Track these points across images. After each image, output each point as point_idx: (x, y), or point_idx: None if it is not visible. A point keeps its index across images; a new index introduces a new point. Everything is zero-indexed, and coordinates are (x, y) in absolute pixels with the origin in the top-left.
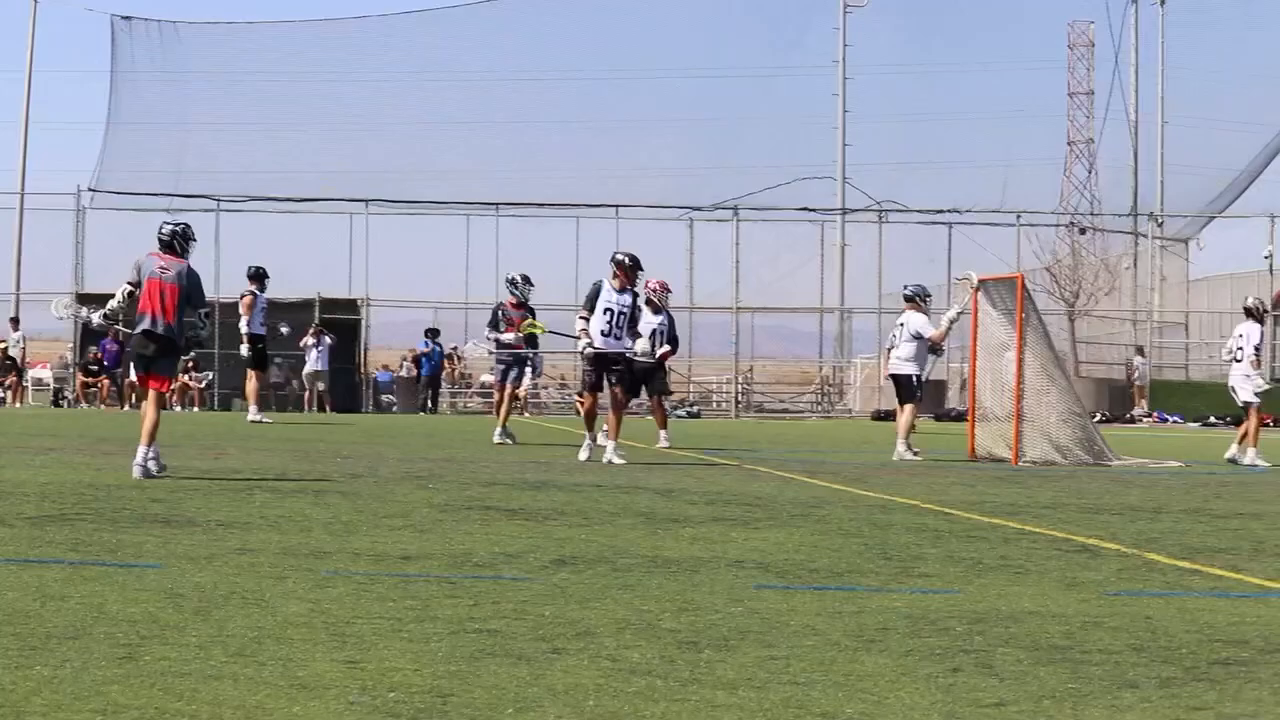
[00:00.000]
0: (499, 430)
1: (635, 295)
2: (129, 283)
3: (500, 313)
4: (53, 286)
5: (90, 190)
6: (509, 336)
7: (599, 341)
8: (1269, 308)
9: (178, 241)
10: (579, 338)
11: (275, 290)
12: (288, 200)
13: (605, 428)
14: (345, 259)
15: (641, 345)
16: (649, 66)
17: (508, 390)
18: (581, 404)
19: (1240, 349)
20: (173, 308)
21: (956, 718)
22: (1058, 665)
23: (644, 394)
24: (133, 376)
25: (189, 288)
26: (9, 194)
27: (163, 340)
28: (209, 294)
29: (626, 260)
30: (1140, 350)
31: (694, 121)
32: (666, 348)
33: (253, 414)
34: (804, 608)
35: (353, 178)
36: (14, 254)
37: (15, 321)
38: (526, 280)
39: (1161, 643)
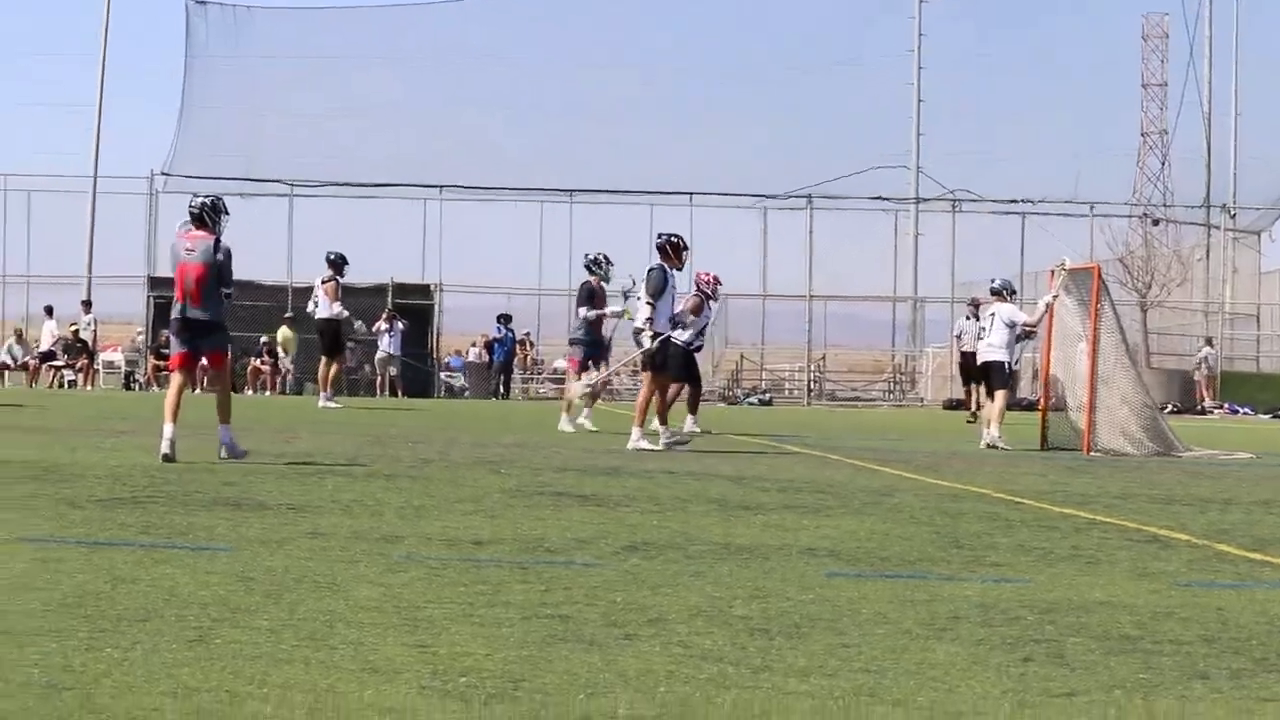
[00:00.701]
0: (572, 419)
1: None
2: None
3: (592, 291)
4: (124, 271)
5: (163, 174)
6: (611, 317)
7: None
8: None
9: (207, 214)
10: (645, 327)
11: (348, 275)
12: (361, 185)
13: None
14: (419, 244)
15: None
16: (725, 55)
17: (594, 375)
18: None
19: None
20: (200, 290)
21: (1028, 707)
22: (1128, 656)
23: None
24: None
25: (218, 264)
26: (83, 178)
27: (196, 324)
28: (281, 279)
29: (671, 243)
30: (1209, 341)
31: (769, 110)
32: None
33: (323, 399)
34: (875, 595)
35: (427, 163)
36: (86, 238)
37: (87, 304)
38: (608, 260)
39: (1232, 634)
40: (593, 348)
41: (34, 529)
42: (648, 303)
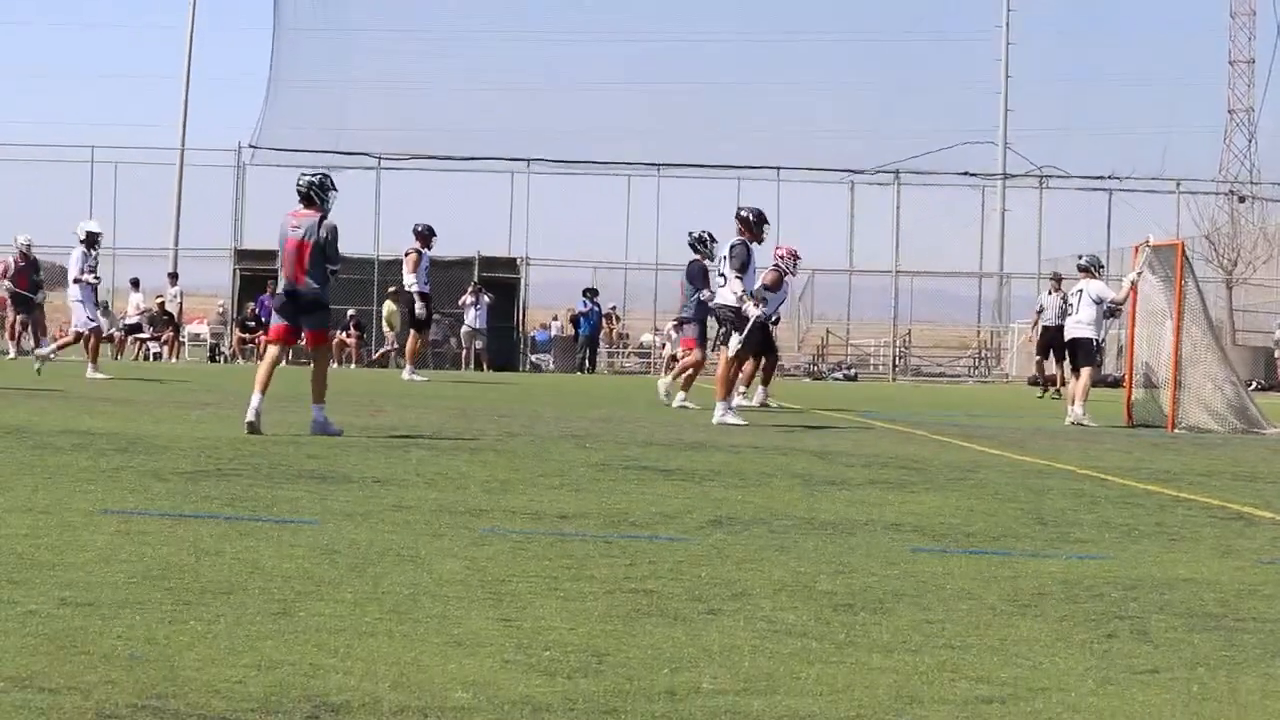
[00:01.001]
0: (671, 395)
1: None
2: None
3: (704, 270)
4: (212, 243)
5: (251, 147)
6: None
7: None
8: None
9: (315, 192)
10: (744, 303)
11: (435, 248)
12: (448, 159)
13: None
14: (505, 218)
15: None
16: (813, 29)
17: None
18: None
19: None
20: (304, 266)
21: (1111, 683)
22: (1212, 633)
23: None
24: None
25: (322, 241)
26: (170, 150)
27: (298, 300)
28: (368, 252)
29: (753, 216)
30: None
31: (857, 85)
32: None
33: (407, 373)
34: (959, 571)
35: (514, 136)
36: (174, 210)
37: (174, 276)
38: (712, 238)
39: None
40: (704, 326)
41: (119, 501)
42: (736, 277)
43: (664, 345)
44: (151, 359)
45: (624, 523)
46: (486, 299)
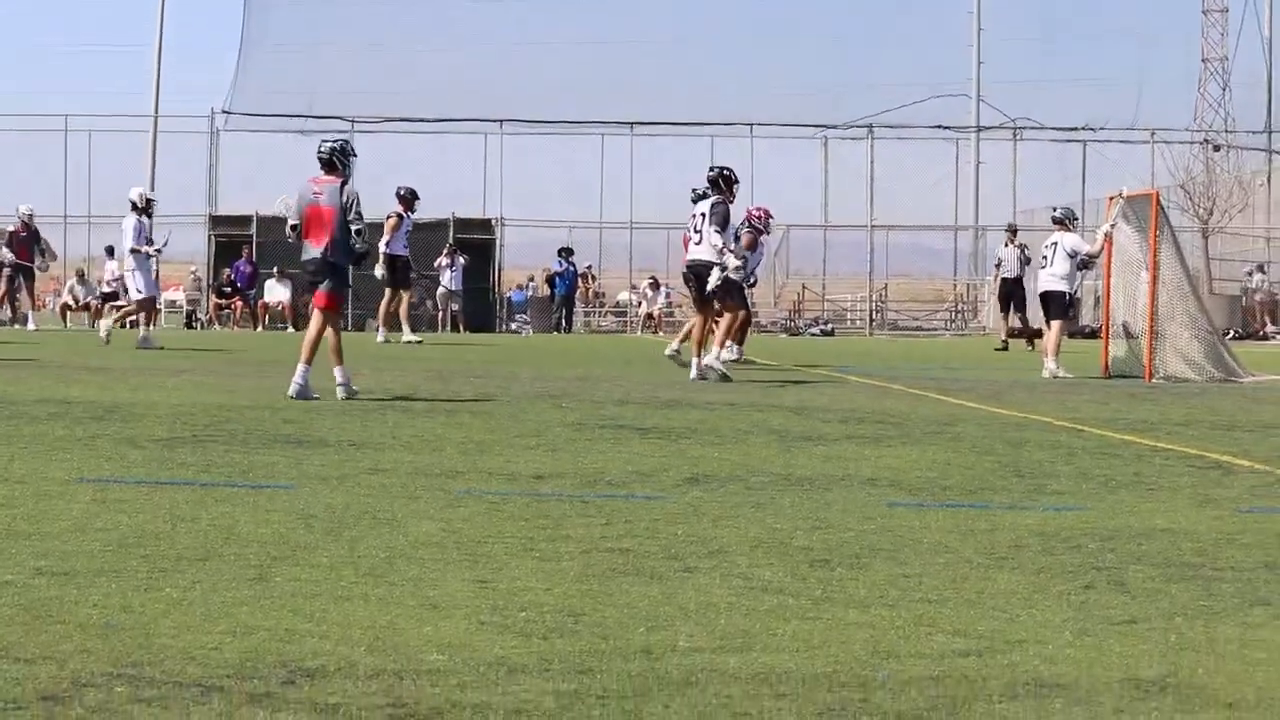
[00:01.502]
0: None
1: None
2: (291, 225)
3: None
4: (187, 210)
5: (224, 112)
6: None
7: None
8: None
9: (336, 158)
10: (724, 255)
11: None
12: (421, 120)
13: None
14: (480, 179)
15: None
16: None
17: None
18: (727, 320)
19: None
20: (330, 232)
21: (1089, 635)
22: (1189, 582)
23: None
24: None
25: (346, 205)
26: (143, 117)
27: (322, 265)
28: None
29: (725, 177)
30: (1260, 268)
31: (828, 39)
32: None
33: (381, 335)
34: (936, 525)
35: (487, 97)
36: (148, 176)
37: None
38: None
39: None
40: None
41: (95, 470)
42: (716, 232)
43: (640, 304)
44: (128, 326)
45: (600, 482)
46: (462, 260)
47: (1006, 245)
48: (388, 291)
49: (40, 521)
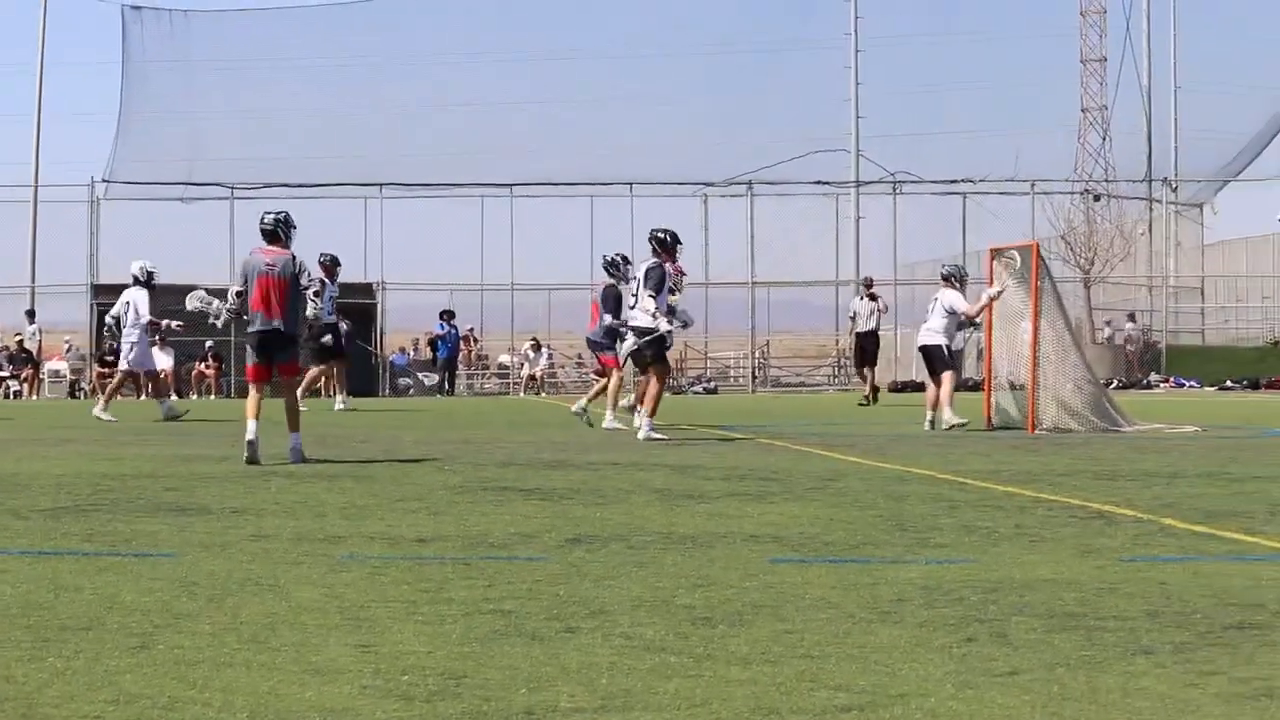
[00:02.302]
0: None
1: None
2: (236, 291)
3: (618, 296)
4: (68, 279)
5: (104, 181)
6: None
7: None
8: None
9: (280, 229)
10: (657, 319)
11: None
12: (301, 186)
13: (635, 403)
14: (360, 243)
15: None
16: (661, 42)
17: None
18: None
19: None
20: (281, 302)
21: (970, 688)
22: (1072, 632)
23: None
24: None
25: (295, 275)
26: (23, 187)
27: (275, 336)
28: (223, 281)
29: (668, 238)
30: (1131, 317)
31: (707, 97)
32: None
33: (339, 403)
34: (819, 581)
35: (366, 161)
36: (29, 247)
37: (31, 314)
38: (626, 260)
39: (1176, 608)
40: (612, 350)
41: None
42: (650, 296)
43: (522, 365)
44: (12, 397)
45: (483, 544)
46: (344, 325)
47: (861, 298)
48: (322, 361)
49: None
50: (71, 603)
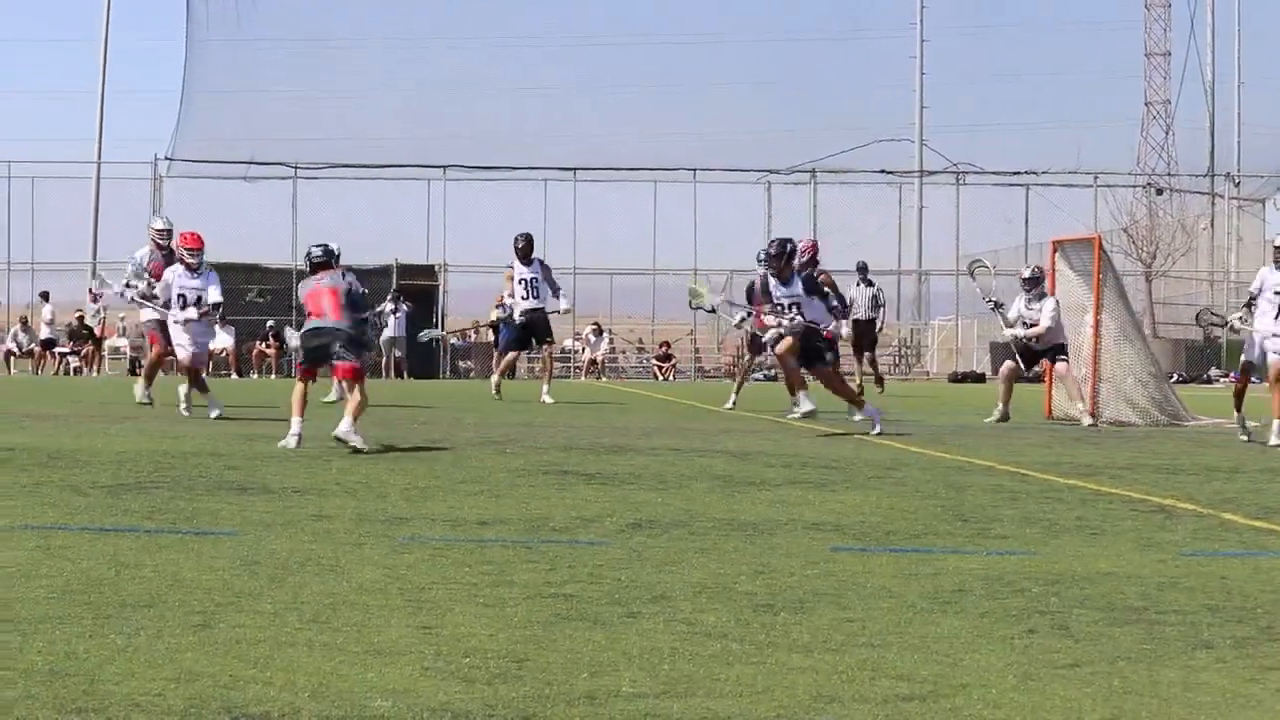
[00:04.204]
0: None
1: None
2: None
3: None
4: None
5: (166, 159)
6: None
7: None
8: None
9: (330, 258)
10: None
11: (353, 257)
12: (364, 167)
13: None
14: (423, 225)
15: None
16: (727, 29)
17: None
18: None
19: None
20: (335, 306)
21: (1032, 679)
22: (1133, 626)
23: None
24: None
25: (350, 290)
26: (86, 164)
27: (331, 333)
28: (286, 262)
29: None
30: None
31: (772, 85)
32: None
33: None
34: (880, 570)
35: (430, 143)
36: (91, 224)
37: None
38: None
39: (1236, 603)
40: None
41: (39, 516)
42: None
43: (583, 349)
44: (72, 373)
45: (544, 528)
46: (406, 307)
47: (858, 284)
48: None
49: None
50: (132, 580)
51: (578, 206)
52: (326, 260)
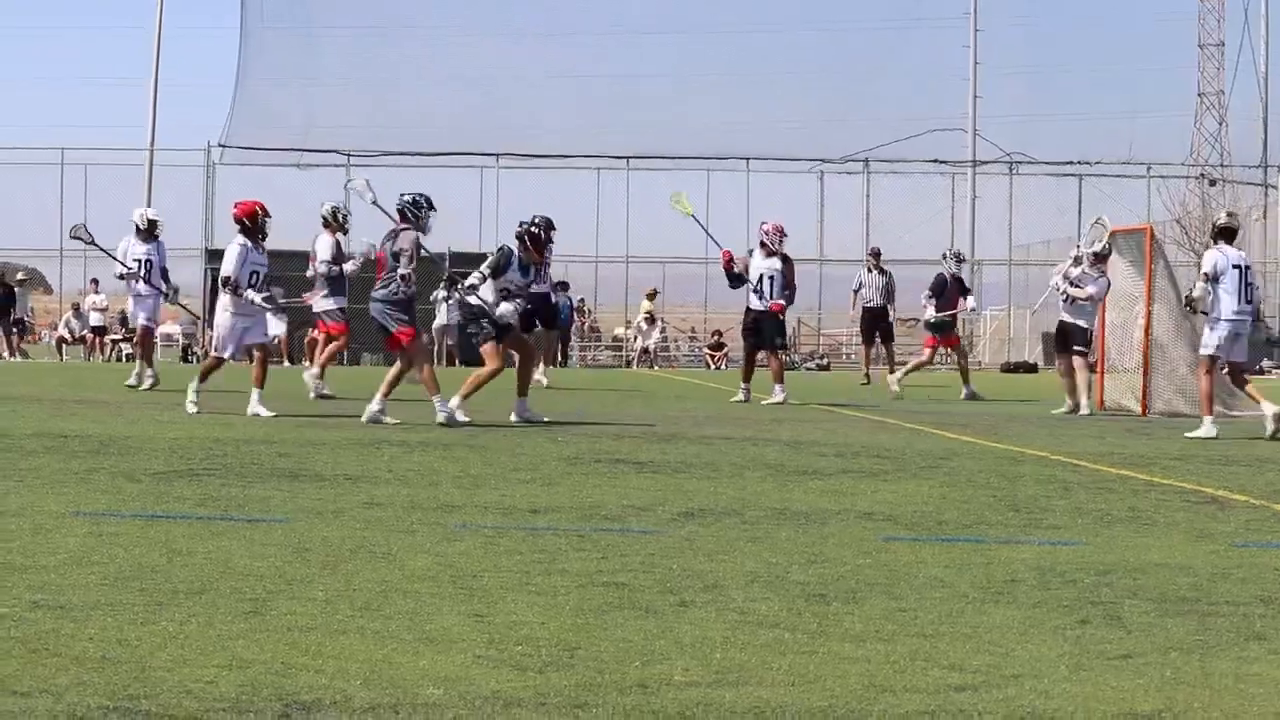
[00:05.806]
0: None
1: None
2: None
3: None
4: (182, 243)
5: (220, 146)
6: None
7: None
8: None
9: (408, 210)
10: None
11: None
12: (418, 154)
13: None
14: (476, 212)
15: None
16: (780, 18)
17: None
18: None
19: None
20: (379, 273)
21: (1084, 669)
22: (1185, 617)
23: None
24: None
25: (391, 251)
26: (139, 150)
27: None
28: (346, 248)
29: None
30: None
31: (825, 74)
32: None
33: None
34: (932, 559)
35: (484, 131)
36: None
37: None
38: (959, 258)
39: None
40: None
41: (91, 503)
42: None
43: (635, 338)
44: (124, 360)
45: (596, 516)
46: (458, 294)
47: (869, 270)
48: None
49: (36, 555)
50: (184, 566)
51: (631, 194)
52: (403, 213)
